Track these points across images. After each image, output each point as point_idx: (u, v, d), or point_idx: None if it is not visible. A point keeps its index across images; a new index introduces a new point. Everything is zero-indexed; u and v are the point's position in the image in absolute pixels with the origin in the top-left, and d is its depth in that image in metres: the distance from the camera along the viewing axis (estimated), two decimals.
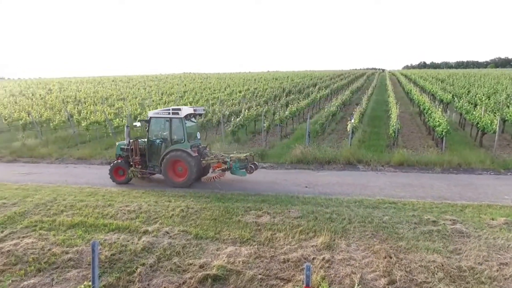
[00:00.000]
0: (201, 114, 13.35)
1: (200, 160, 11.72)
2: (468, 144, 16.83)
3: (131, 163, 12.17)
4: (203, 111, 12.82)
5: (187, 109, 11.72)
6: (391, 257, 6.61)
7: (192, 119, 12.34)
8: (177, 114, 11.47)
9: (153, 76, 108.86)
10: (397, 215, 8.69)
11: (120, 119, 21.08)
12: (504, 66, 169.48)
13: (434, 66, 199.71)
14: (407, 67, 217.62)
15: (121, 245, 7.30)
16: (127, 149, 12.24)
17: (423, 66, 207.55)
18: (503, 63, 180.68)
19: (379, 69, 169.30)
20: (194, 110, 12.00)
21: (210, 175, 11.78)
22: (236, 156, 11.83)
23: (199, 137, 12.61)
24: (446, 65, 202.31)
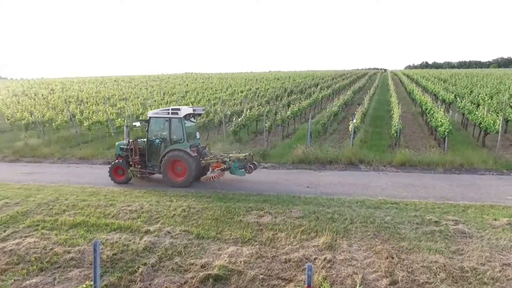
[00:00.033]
0: (200, 114, 13.37)
1: (200, 160, 11.74)
2: (471, 144, 16.77)
3: (130, 163, 12.21)
4: (203, 111, 12.85)
5: (186, 109, 11.75)
6: (393, 258, 6.59)
7: (192, 119, 12.37)
8: (177, 114, 11.50)
9: (155, 76, 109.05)
10: (399, 215, 8.67)
11: (122, 119, 21.12)
12: (507, 66, 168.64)
13: (436, 66, 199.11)
14: (409, 67, 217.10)
15: (122, 245, 7.31)
16: (127, 149, 12.28)
17: (425, 66, 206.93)
18: (506, 63, 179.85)
19: (381, 69, 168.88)
20: (194, 110, 12.04)
21: (209, 175, 11.81)
22: (235, 156, 11.86)
23: (198, 137, 12.63)
24: (449, 65, 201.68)
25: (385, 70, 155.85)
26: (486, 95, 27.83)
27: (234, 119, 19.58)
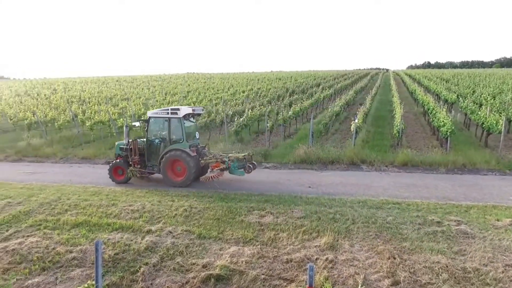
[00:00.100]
0: (199, 114, 13.41)
1: (199, 159, 11.77)
2: (473, 144, 16.71)
3: (130, 163, 12.24)
4: (202, 111, 12.89)
5: (185, 109, 11.79)
6: (395, 258, 6.57)
7: (191, 119, 12.39)
8: (176, 114, 11.54)
9: (157, 76, 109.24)
10: (401, 215, 8.64)
11: (124, 119, 21.17)
12: (509, 66, 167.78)
13: (439, 66, 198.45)
14: (411, 67, 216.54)
15: (124, 245, 7.32)
16: (126, 148, 12.32)
17: (427, 66, 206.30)
18: (508, 63, 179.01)
19: (383, 69, 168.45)
20: (193, 110, 12.07)
21: (209, 175, 11.87)
22: (234, 155, 11.90)
23: (198, 137, 12.65)
24: (451, 65, 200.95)
25: (387, 70, 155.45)
26: (488, 95, 27.71)
27: (235, 119, 19.59)
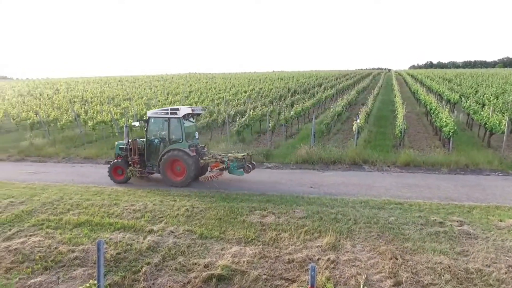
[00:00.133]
0: (199, 114, 13.44)
1: (198, 159, 11.79)
2: (476, 144, 16.65)
3: (130, 163, 12.27)
4: (201, 111, 12.91)
5: (185, 109, 11.83)
6: (397, 258, 6.55)
7: (190, 119, 12.42)
8: (175, 114, 11.57)
9: (159, 76, 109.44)
10: (403, 216, 8.62)
11: (126, 119, 21.22)
12: None
13: (441, 66, 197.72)
14: (413, 67, 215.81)
15: (126, 244, 7.34)
16: (126, 148, 12.35)
17: (429, 66, 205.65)
18: (511, 62, 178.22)
19: (385, 69, 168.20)
20: (192, 110, 12.11)
21: (208, 175, 11.90)
22: (233, 155, 11.93)
23: (197, 137, 12.67)
24: (453, 64, 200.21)
25: (389, 70, 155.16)
26: (491, 95, 27.59)
27: (237, 119, 19.60)
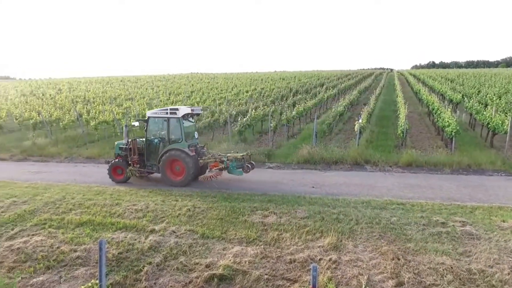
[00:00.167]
0: (198, 114, 13.47)
1: (198, 159, 11.81)
2: (479, 144, 16.58)
3: (129, 162, 12.29)
4: (201, 111, 12.93)
5: (184, 109, 11.86)
6: (399, 259, 6.53)
7: (190, 119, 12.44)
8: (175, 114, 11.60)
9: (161, 76, 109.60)
10: (405, 216, 8.59)
11: (126, 119, 21.27)
12: None
13: (444, 65, 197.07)
14: (415, 67, 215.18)
15: (128, 244, 7.35)
16: (126, 148, 12.38)
17: (432, 65, 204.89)
18: None
19: (387, 68, 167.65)
20: (192, 110, 12.13)
21: (207, 174, 11.92)
22: (233, 155, 11.95)
23: (197, 137, 12.68)
24: (456, 64, 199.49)
25: (391, 70, 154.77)
26: (494, 95, 27.49)
27: (239, 119, 19.59)
